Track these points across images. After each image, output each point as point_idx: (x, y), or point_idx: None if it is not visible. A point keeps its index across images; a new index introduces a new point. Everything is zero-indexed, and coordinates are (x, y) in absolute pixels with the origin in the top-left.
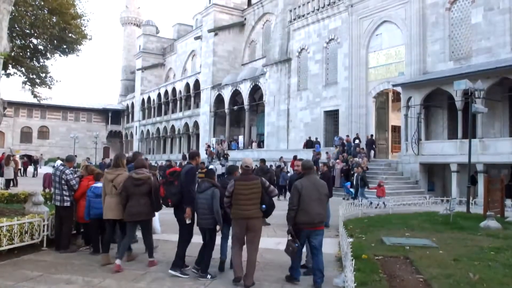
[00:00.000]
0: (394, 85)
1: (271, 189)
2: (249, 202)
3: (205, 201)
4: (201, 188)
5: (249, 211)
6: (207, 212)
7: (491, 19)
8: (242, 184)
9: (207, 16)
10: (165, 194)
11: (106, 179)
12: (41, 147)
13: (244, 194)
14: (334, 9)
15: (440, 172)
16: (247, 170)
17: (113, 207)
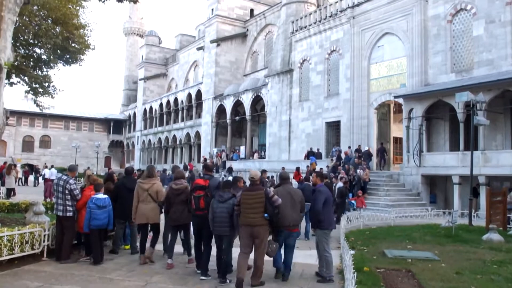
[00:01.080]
0: (395, 97)
1: (274, 199)
2: (253, 211)
3: (226, 210)
4: (223, 198)
5: (253, 219)
6: (226, 220)
7: (492, 32)
8: (247, 194)
9: (210, 27)
10: (205, 205)
11: (141, 188)
12: (43, 156)
13: (248, 204)
14: (336, 20)
15: (442, 184)
16: (253, 181)
17: (146, 212)
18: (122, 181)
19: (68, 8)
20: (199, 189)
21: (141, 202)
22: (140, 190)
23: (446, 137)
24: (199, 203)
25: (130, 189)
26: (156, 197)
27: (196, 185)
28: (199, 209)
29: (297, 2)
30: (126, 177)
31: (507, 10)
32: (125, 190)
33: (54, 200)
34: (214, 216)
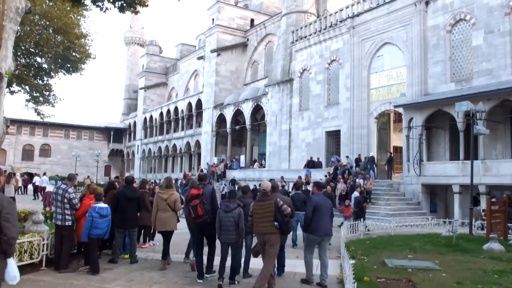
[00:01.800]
0: (395, 106)
1: (283, 208)
2: (263, 220)
3: (232, 219)
4: (229, 208)
5: (264, 227)
6: (232, 228)
7: (491, 42)
8: (258, 204)
9: (210, 37)
10: (203, 212)
11: (161, 198)
12: (43, 165)
13: (259, 213)
14: (336, 30)
15: (442, 193)
16: (264, 192)
17: (166, 221)
18: (122, 190)
19: (70, 17)
20: (195, 198)
21: (160, 211)
22: (159, 200)
23: (446, 146)
24: (197, 211)
25: (130, 198)
26: (174, 206)
27: (192, 195)
28: (198, 216)
29: (297, 12)
30: (126, 186)
31: (505, 20)
32: (125, 199)
33: (54, 209)
34: (221, 225)
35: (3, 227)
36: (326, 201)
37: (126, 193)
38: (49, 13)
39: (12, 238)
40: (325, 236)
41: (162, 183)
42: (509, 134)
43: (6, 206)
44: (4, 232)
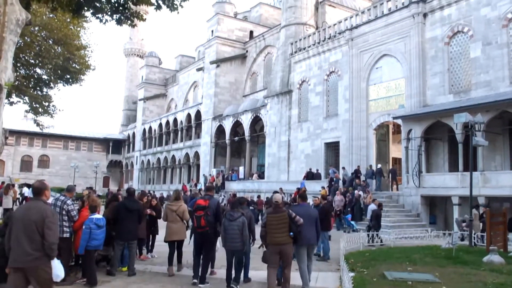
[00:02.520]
0: (394, 118)
1: (297, 219)
2: (279, 231)
3: (237, 228)
4: (234, 217)
5: (280, 238)
6: (237, 236)
7: (489, 54)
8: (272, 216)
9: (210, 48)
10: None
11: (170, 209)
12: (41, 176)
13: (274, 225)
14: (335, 42)
15: (442, 205)
16: (276, 204)
17: (176, 231)
18: (123, 202)
19: (70, 29)
20: (200, 209)
21: (170, 222)
22: (169, 211)
23: (445, 157)
24: (200, 222)
25: (131, 210)
26: (183, 216)
27: (198, 206)
28: (200, 227)
29: (296, 24)
30: (127, 198)
31: (503, 32)
32: (126, 210)
33: None
34: (226, 234)
35: (45, 233)
36: (310, 212)
37: (127, 205)
38: (49, 25)
39: (52, 243)
40: (308, 245)
41: (171, 196)
42: (508, 146)
43: (49, 215)
44: (46, 238)
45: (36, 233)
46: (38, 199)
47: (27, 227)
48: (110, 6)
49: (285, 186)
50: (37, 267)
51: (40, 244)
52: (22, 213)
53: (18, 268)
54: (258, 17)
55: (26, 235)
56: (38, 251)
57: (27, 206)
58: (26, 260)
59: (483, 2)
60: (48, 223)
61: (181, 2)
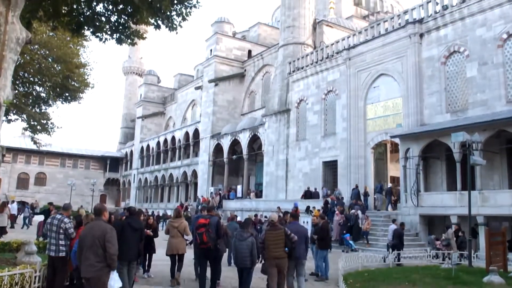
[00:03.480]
0: (392, 137)
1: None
2: (276, 246)
3: (246, 247)
4: (244, 237)
5: (277, 252)
6: (247, 255)
7: (485, 73)
8: (270, 233)
9: (208, 67)
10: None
11: (172, 226)
12: (37, 193)
13: (272, 240)
14: (333, 62)
15: (441, 224)
16: (273, 223)
17: (177, 245)
18: (127, 221)
19: (69, 47)
20: (201, 227)
21: (171, 237)
22: (171, 228)
23: (443, 176)
24: (203, 239)
25: (136, 228)
26: (184, 232)
27: (199, 224)
28: (203, 243)
29: (294, 44)
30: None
31: (498, 52)
32: (130, 229)
33: (47, 239)
34: (236, 252)
35: (106, 246)
36: (301, 230)
37: (132, 223)
38: (49, 43)
39: (113, 254)
40: (298, 260)
41: (173, 214)
42: (505, 165)
43: (108, 231)
44: (107, 250)
45: (99, 248)
46: (98, 218)
47: (92, 243)
48: (110, 26)
49: (283, 205)
50: (100, 277)
51: (103, 257)
52: (87, 232)
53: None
54: (256, 37)
55: (91, 250)
56: (101, 263)
57: (91, 226)
58: (92, 271)
59: (479, 23)
60: (108, 238)
61: (180, 22)
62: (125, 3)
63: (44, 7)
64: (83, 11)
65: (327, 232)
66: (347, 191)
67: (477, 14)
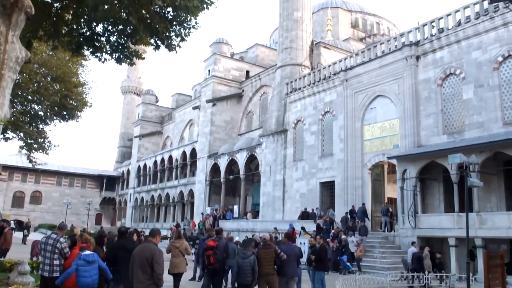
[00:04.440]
0: (389, 158)
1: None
2: (267, 264)
3: (249, 265)
4: (246, 255)
5: (267, 269)
6: (249, 272)
7: (482, 95)
8: (263, 251)
9: (206, 87)
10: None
11: (174, 246)
12: (33, 212)
13: (264, 258)
14: (330, 83)
15: (438, 246)
16: (265, 242)
17: (178, 264)
18: (121, 242)
19: (68, 66)
20: (209, 249)
21: (173, 257)
22: (173, 248)
23: (440, 198)
24: (210, 260)
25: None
26: (185, 252)
27: (208, 246)
28: (210, 264)
29: (291, 65)
30: (123, 237)
31: (494, 75)
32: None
33: (41, 259)
34: (239, 269)
35: (154, 266)
36: (293, 250)
37: (125, 245)
38: (48, 62)
39: (160, 274)
40: (290, 277)
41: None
42: (502, 187)
43: (156, 253)
44: (155, 270)
45: (147, 267)
46: (149, 241)
47: (141, 262)
48: (109, 46)
49: (280, 225)
50: None
51: (150, 275)
52: (139, 252)
53: None
54: (254, 58)
55: (140, 268)
56: (149, 280)
57: (142, 246)
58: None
59: (474, 46)
60: (156, 259)
61: (179, 43)
62: (125, 23)
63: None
64: (82, 31)
65: (325, 253)
66: (344, 212)
67: (472, 37)
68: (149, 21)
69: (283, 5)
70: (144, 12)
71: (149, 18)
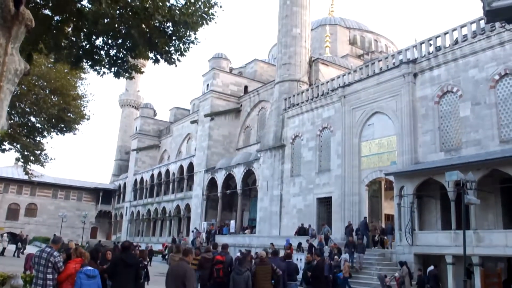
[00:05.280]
0: (386, 174)
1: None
2: (264, 278)
3: (243, 280)
4: (242, 271)
5: (264, 284)
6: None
7: (478, 113)
8: (260, 267)
9: (204, 102)
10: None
11: (173, 259)
12: (27, 225)
13: (261, 274)
14: (328, 99)
15: (436, 263)
16: (262, 258)
17: None
18: (120, 256)
19: (67, 79)
20: (219, 263)
21: None
22: (172, 261)
23: (438, 215)
24: (219, 274)
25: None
26: None
27: (217, 261)
28: (219, 277)
29: (290, 80)
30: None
31: (491, 93)
32: (124, 265)
33: (34, 273)
34: (234, 284)
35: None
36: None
37: (125, 259)
38: (47, 74)
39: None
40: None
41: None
42: (499, 204)
43: (188, 271)
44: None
45: (180, 283)
46: (183, 259)
47: (175, 278)
48: (109, 59)
49: (276, 241)
50: None
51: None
52: (174, 268)
53: None
54: (253, 73)
55: (174, 284)
56: None
57: (178, 264)
58: None
59: (471, 64)
60: (188, 276)
61: (179, 57)
62: (124, 37)
63: (45, 39)
64: (82, 44)
65: (321, 270)
66: (341, 228)
67: (469, 56)
68: (148, 35)
69: (282, 21)
70: (144, 26)
71: (148, 33)
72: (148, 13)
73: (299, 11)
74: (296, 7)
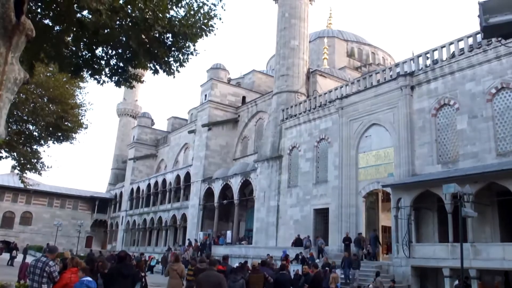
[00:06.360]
0: (383, 186)
1: (269, 279)
2: (257, 286)
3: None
4: (236, 279)
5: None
6: None
7: (475, 126)
8: (253, 276)
9: (202, 112)
10: None
11: (172, 269)
12: (22, 233)
13: (254, 282)
14: (325, 110)
15: (433, 276)
16: (254, 267)
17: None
18: (117, 267)
19: (66, 88)
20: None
21: (171, 278)
22: (171, 270)
23: (435, 227)
24: None
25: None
26: (181, 274)
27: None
28: None
29: (287, 92)
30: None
31: (488, 106)
32: (121, 277)
33: (29, 283)
34: None
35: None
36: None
37: (122, 270)
38: (46, 83)
39: None
40: None
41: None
42: (497, 217)
43: (222, 278)
44: None
45: None
46: (211, 268)
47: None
48: (109, 69)
49: (273, 252)
50: None
51: None
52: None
53: None
54: (251, 84)
55: None
56: None
57: (208, 273)
58: None
59: (468, 77)
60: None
61: (178, 67)
62: (124, 47)
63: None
64: (82, 54)
65: (320, 283)
66: (338, 239)
67: (466, 69)
68: (148, 46)
69: (281, 33)
70: (144, 37)
71: (148, 43)
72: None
73: (297, 23)
74: (295, 20)
